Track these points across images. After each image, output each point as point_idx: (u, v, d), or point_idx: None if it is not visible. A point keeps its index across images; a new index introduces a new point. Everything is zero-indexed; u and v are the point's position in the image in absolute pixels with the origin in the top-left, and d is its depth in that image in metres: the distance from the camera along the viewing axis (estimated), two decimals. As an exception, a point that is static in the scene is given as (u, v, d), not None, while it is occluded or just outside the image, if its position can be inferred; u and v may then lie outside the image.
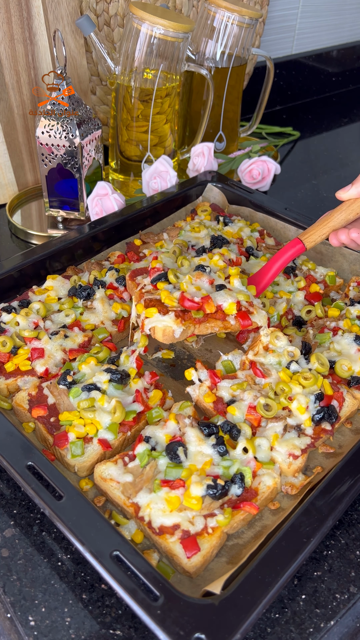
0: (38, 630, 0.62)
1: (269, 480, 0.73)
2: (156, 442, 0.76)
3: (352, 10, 2.07)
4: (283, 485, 0.76)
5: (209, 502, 0.69)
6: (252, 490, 0.72)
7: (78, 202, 1.25)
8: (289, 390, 0.81)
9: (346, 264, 1.11)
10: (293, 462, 0.76)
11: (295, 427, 0.79)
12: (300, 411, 0.80)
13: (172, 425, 0.77)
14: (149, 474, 0.73)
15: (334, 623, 0.65)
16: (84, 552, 0.61)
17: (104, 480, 0.73)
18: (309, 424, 0.79)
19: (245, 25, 1.32)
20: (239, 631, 0.56)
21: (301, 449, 0.77)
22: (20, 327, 0.92)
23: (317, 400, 0.81)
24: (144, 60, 1.22)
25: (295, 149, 1.79)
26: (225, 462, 0.73)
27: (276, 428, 0.79)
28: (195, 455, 0.74)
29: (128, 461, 0.75)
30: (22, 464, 0.70)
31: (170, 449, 0.73)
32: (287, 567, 0.62)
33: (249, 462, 0.74)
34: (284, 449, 0.76)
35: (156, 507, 0.69)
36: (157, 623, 0.56)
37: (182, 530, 0.67)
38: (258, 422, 0.80)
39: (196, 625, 0.56)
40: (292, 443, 0.77)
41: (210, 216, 1.22)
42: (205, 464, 0.73)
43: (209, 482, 0.69)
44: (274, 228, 1.21)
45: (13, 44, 1.22)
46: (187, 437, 0.76)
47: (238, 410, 0.81)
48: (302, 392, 0.82)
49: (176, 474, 0.71)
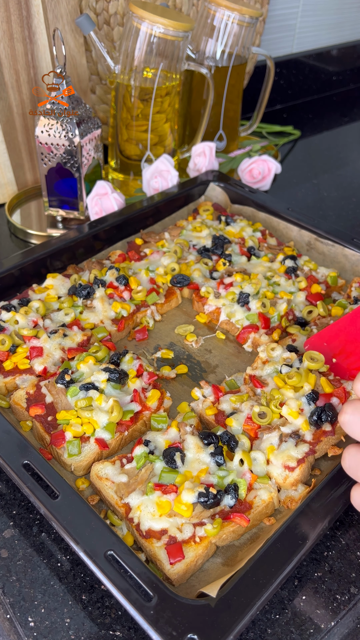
0: (37, 631, 0.62)
1: (264, 495, 0.71)
2: (155, 446, 0.76)
3: (353, 9, 2.07)
4: (283, 501, 0.73)
5: (199, 511, 0.68)
6: (246, 503, 0.71)
7: (77, 202, 1.25)
8: (281, 397, 0.79)
9: (348, 264, 1.11)
10: (289, 474, 0.73)
11: (291, 434, 0.76)
12: (293, 416, 0.77)
13: (173, 432, 0.77)
14: (143, 476, 0.72)
15: (334, 624, 0.64)
16: (78, 552, 0.61)
17: (99, 479, 0.73)
18: (307, 427, 0.76)
19: (246, 24, 1.32)
20: (232, 632, 0.56)
21: (297, 459, 0.74)
22: (20, 325, 0.91)
23: (310, 401, 0.78)
24: (144, 59, 1.21)
25: (295, 148, 1.78)
26: (221, 472, 0.72)
27: (271, 439, 0.76)
28: (192, 462, 0.73)
29: (126, 463, 0.75)
30: (18, 463, 0.69)
31: (167, 454, 0.73)
32: (282, 568, 0.61)
33: (245, 474, 0.73)
34: (279, 461, 0.74)
35: (146, 510, 0.68)
36: (149, 623, 0.56)
37: (169, 536, 0.66)
38: (255, 433, 0.78)
39: (189, 626, 0.56)
40: (288, 454, 0.74)
41: (212, 216, 1.22)
42: (201, 472, 0.72)
43: (200, 490, 0.68)
44: (276, 228, 1.21)
45: (12, 43, 1.22)
46: (186, 444, 0.75)
47: (236, 421, 0.80)
48: (293, 396, 0.79)
49: (170, 479, 0.71)
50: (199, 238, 1.14)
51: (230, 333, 1.01)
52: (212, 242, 1.13)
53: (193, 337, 0.99)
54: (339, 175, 1.63)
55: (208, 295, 1.03)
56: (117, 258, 1.08)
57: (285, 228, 1.19)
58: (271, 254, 1.11)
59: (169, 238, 1.14)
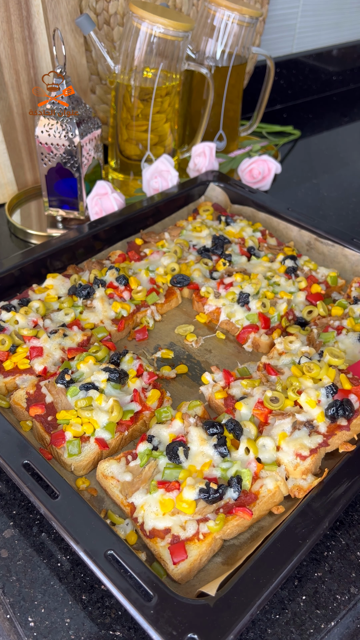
0: (37, 631, 0.62)
1: (271, 484, 0.71)
2: (159, 442, 0.75)
3: (353, 9, 2.07)
4: (291, 489, 0.72)
5: (202, 506, 0.68)
6: (251, 494, 0.70)
7: (77, 202, 1.25)
8: (299, 385, 0.78)
9: (348, 264, 1.11)
10: (300, 463, 0.72)
11: (306, 423, 0.75)
12: (311, 405, 0.76)
13: (177, 424, 0.77)
14: (147, 474, 0.72)
15: (334, 624, 0.64)
16: (78, 551, 0.61)
17: (105, 478, 0.73)
18: (322, 419, 0.75)
19: (246, 24, 1.32)
20: (232, 632, 0.56)
21: (310, 449, 0.73)
22: (20, 325, 0.91)
23: (329, 393, 0.77)
24: (144, 59, 1.21)
25: (295, 148, 1.78)
26: (225, 464, 0.72)
27: (284, 426, 0.75)
28: (196, 455, 0.73)
29: (131, 460, 0.74)
30: (18, 462, 0.69)
31: (170, 449, 0.73)
32: (281, 568, 0.61)
33: (250, 464, 0.72)
34: (291, 448, 0.73)
35: (150, 509, 0.68)
36: (149, 623, 0.56)
37: (172, 535, 0.66)
38: (265, 418, 0.77)
39: (189, 626, 0.56)
40: (300, 442, 0.73)
41: (212, 216, 1.22)
42: (205, 465, 0.72)
43: (201, 486, 0.68)
44: (276, 228, 1.21)
45: (12, 43, 1.22)
46: (189, 437, 0.75)
47: (245, 405, 0.79)
48: (312, 387, 0.78)
49: (174, 475, 0.70)
50: (199, 238, 1.14)
51: (230, 333, 1.01)
52: (212, 242, 1.13)
53: (193, 337, 0.99)
54: (339, 175, 1.63)
55: (208, 295, 1.03)
56: (117, 258, 1.08)
57: (285, 228, 1.19)
58: (271, 254, 1.11)
59: (169, 238, 1.14)
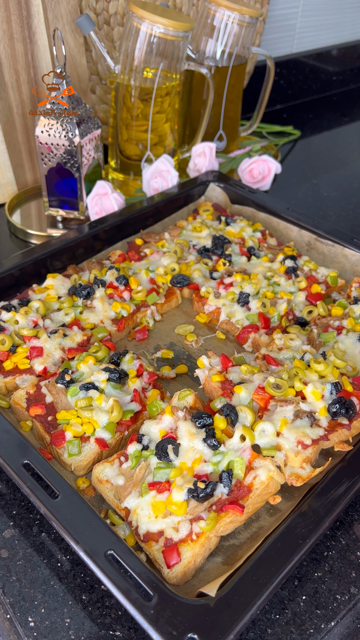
0: (38, 631, 0.62)
1: (263, 475, 0.69)
2: (150, 440, 0.74)
3: (353, 9, 2.07)
4: (288, 477, 0.71)
5: (193, 506, 0.67)
6: (244, 486, 0.68)
7: (77, 202, 1.25)
8: (304, 375, 0.77)
9: (348, 264, 1.11)
10: (302, 451, 0.71)
11: (308, 413, 0.74)
12: (316, 396, 0.75)
13: (167, 419, 0.75)
14: (138, 476, 0.71)
15: (334, 624, 0.64)
16: (78, 551, 0.61)
17: (100, 482, 0.72)
18: (324, 413, 0.75)
19: (246, 24, 1.32)
20: (232, 632, 0.56)
21: (312, 439, 0.71)
22: (20, 325, 0.91)
23: (334, 390, 0.77)
24: (144, 59, 1.21)
25: (295, 148, 1.78)
26: (216, 457, 0.70)
27: (286, 412, 0.74)
28: (186, 452, 0.72)
29: (124, 461, 0.74)
30: (18, 462, 0.69)
31: (159, 448, 0.71)
32: (282, 568, 0.61)
33: (244, 452, 0.70)
34: (293, 435, 0.71)
35: (142, 513, 0.67)
36: (150, 623, 0.56)
37: (166, 538, 0.65)
38: (266, 403, 0.75)
39: (189, 626, 0.56)
40: (303, 431, 0.72)
41: (212, 216, 1.22)
42: (195, 461, 0.70)
43: (189, 486, 0.67)
44: (276, 228, 1.21)
45: (12, 43, 1.22)
46: (179, 432, 0.73)
47: (245, 390, 0.77)
48: (317, 380, 0.77)
49: (165, 475, 0.69)
50: (199, 238, 1.14)
51: (230, 333, 1.01)
52: (212, 242, 1.13)
53: (193, 337, 0.99)
54: (339, 175, 1.63)
55: (208, 295, 1.03)
56: (117, 258, 1.08)
57: (285, 228, 1.19)
58: (271, 254, 1.11)
59: (169, 238, 1.14)
